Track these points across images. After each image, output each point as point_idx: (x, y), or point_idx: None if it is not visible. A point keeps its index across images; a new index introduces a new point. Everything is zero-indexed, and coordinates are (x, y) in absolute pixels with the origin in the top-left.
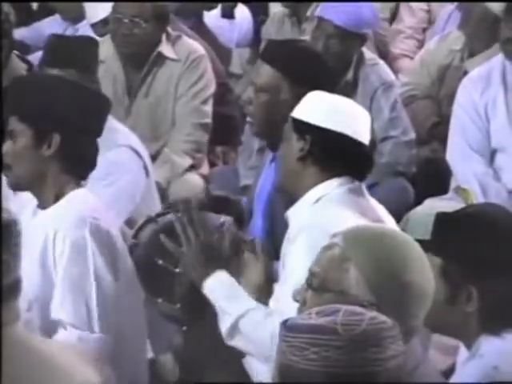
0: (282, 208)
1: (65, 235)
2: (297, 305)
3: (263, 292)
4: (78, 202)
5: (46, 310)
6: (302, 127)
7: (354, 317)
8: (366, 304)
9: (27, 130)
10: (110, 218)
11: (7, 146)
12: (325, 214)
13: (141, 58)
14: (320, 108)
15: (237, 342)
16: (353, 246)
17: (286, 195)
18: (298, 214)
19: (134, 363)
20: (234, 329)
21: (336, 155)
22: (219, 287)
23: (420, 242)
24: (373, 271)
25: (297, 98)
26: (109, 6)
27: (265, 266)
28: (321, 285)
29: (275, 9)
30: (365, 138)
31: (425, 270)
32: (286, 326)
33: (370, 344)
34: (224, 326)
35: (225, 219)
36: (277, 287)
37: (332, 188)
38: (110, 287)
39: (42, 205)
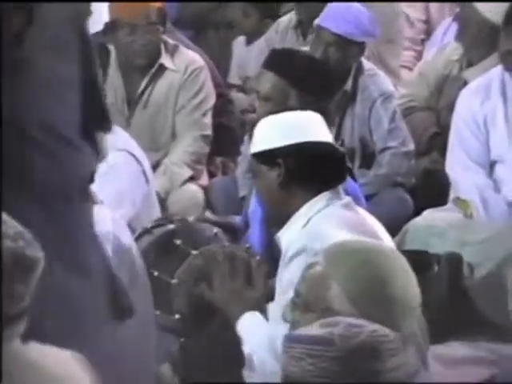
0: None
1: None
2: None
3: (259, 309)
4: (97, 218)
5: None
6: (268, 156)
7: (353, 328)
8: None
9: None
10: (126, 231)
11: None
12: (318, 237)
13: (144, 69)
14: (273, 131)
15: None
16: (333, 262)
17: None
18: (289, 236)
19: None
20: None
21: (311, 165)
22: (246, 330)
23: (419, 252)
24: (354, 286)
25: (305, 106)
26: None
27: (260, 282)
28: (305, 304)
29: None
30: (327, 137)
31: (408, 281)
32: (287, 337)
33: (368, 356)
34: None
35: (217, 230)
36: (271, 308)
37: (321, 206)
38: None
39: None
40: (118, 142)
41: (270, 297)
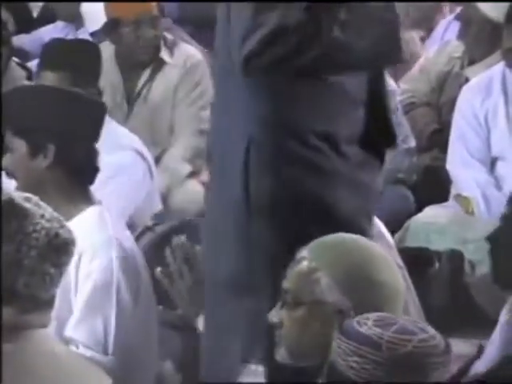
0: None
1: (92, 256)
2: None
3: None
4: (100, 220)
5: (61, 330)
6: None
7: (403, 335)
8: (345, 309)
9: (22, 144)
10: (127, 233)
11: (7, 158)
12: None
13: (144, 64)
14: None
15: None
16: (320, 255)
17: None
18: None
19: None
20: None
21: None
22: None
23: (420, 249)
24: (344, 275)
25: None
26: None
27: None
28: (294, 299)
29: None
30: None
31: (392, 269)
32: (341, 328)
33: (411, 367)
34: None
35: None
36: None
37: None
38: (130, 311)
39: None
40: (123, 140)
41: None
